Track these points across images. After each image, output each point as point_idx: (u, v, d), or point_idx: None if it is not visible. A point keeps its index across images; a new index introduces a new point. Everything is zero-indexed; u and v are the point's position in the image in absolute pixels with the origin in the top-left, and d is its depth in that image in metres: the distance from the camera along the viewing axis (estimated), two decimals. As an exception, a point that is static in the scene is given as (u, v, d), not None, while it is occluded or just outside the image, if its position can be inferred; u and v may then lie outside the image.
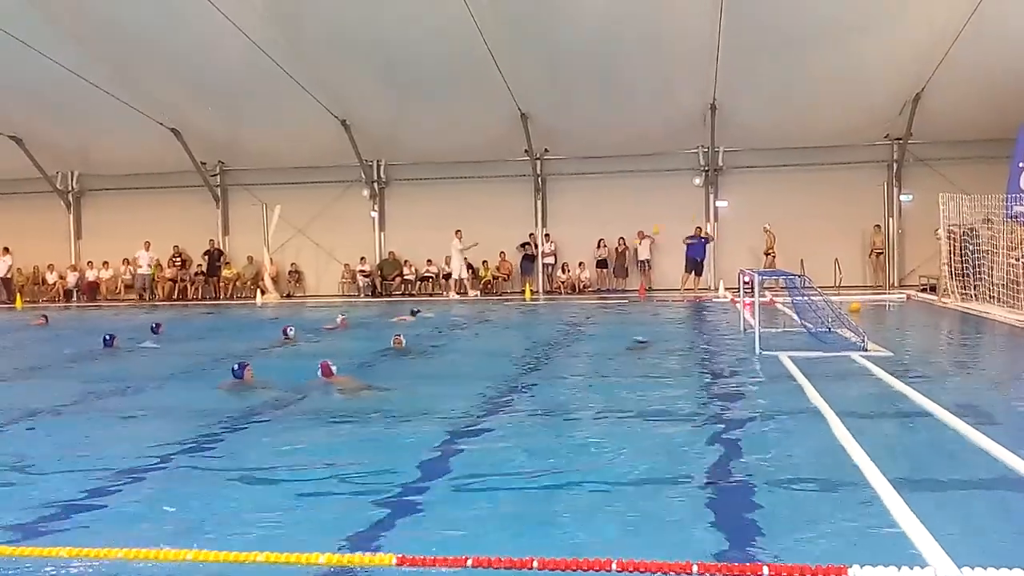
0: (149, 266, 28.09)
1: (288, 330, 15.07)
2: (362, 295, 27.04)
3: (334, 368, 10.39)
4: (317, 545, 4.48)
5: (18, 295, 27.69)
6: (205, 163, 27.68)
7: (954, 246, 19.53)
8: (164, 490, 6.01)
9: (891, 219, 25.34)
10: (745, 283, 15.59)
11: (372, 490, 5.82)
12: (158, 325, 16.55)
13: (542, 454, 6.75)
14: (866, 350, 11.58)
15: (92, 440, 7.79)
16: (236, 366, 10.48)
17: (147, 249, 28.02)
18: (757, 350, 11.64)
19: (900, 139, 24.60)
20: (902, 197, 25.36)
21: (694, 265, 24.85)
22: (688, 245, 24.89)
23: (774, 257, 24.71)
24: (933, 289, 21.33)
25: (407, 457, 6.69)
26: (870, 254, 25.27)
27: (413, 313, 18.92)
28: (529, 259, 26.95)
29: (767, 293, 19.78)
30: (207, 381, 10.79)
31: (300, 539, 4.77)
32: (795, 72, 21.49)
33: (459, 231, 25.94)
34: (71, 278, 28.66)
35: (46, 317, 20.24)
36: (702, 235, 25.10)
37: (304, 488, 5.96)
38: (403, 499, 5.65)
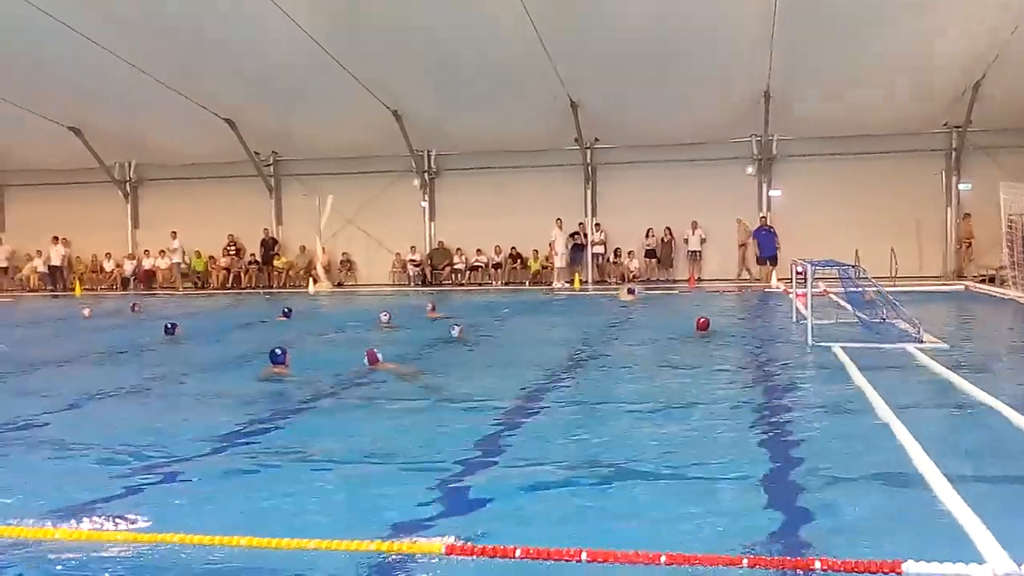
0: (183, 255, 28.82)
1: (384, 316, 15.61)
2: (412, 284, 27.18)
3: (380, 355, 10.47)
4: (366, 532, 4.53)
5: (78, 283, 28.29)
6: (259, 153, 28.00)
7: (1014, 236, 19.11)
8: (217, 476, 6.11)
9: (949, 208, 24.84)
10: (798, 273, 15.40)
11: (421, 478, 5.85)
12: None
13: (591, 443, 6.75)
14: (921, 342, 11.37)
15: (169, 421, 7.94)
16: (278, 351, 10.43)
17: (174, 238, 28.68)
18: (810, 341, 11.50)
19: (959, 127, 24.07)
20: (960, 186, 24.84)
21: (767, 259, 24.53)
22: (758, 238, 24.60)
23: (746, 249, 24.88)
24: (992, 280, 20.89)
25: (455, 445, 6.73)
26: (959, 246, 24.65)
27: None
28: (578, 248, 26.87)
29: (820, 283, 19.50)
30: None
31: (350, 525, 4.81)
32: (851, 60, 21.09)
33: (560, 219, 25.90)
34: (128, 266, 29.19)
35: (136, 304, 20.79)
36: (767, 226, 24.71)
37: (352, 475, 6.01)
38: (452, 487, 5.68)
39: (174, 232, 28.70)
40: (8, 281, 29.72)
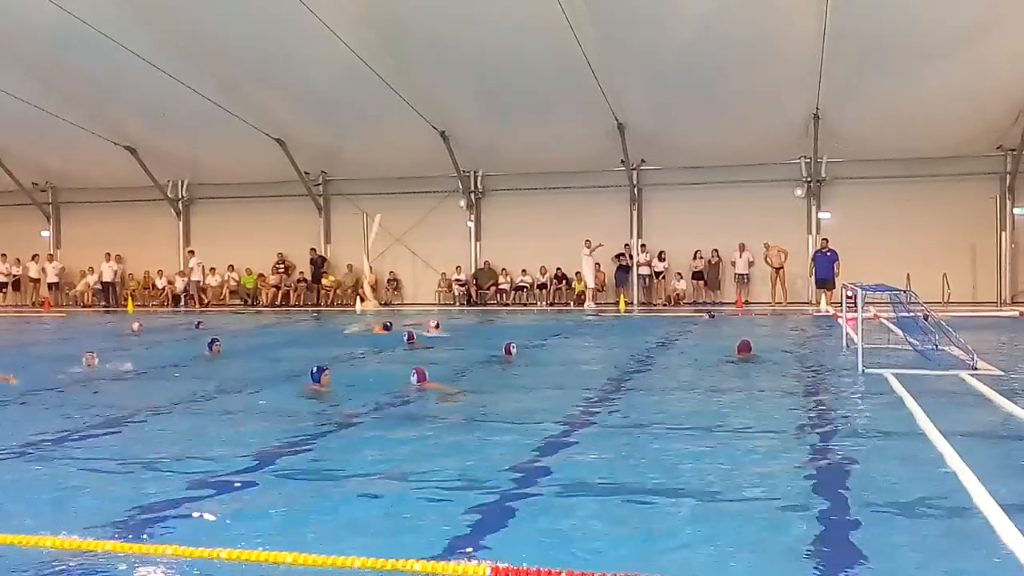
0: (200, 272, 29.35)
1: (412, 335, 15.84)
2: (457, 303, 27.28)
3: (427, 374, 10.50)
4: (411, 552, 4.52)
5: (130, 299, 28.77)
6: (308, 173, 28.35)
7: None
8: (260, 493, 6.13)
9: (1003, 233, 24.38)
10: (848, 297, 15.19)
11: (466, 498, 5.83)
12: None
13: (637, 467, 6.69)
14: (975, 369, 11.14)
15: (207, 437, 8.02)
16: (315, 369, 10.53)
17: (192, 257, 29.37)
18: (860, 367, 11.31)
19: (1014, 150, 23.68)
20: (1015, 210, 24.40)
21: (823, 282, 23.98)
22: (815, 260, 24.36)
23: (783, 273, 24.98)
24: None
25: (501, 464, 6.69)
26: None
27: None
28: (624, 270, 26.78)
29: (871, 308, 19.25)
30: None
31: (394, 546, 4.80)
32: (903, 81, 20.88)
33: (588, 240, 25.90)
34: (179, 283, 29.64)
35: (200, 322, 20.77)
36: (826, 249, 24.28)
37: (397, 494, 5.99)
38: (497, 508, 5.65)
39: (191, 251, 29.35)
40: (62, 297, 30.35)
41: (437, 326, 17.73)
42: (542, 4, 18.42)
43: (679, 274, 26.51)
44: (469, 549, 4.84)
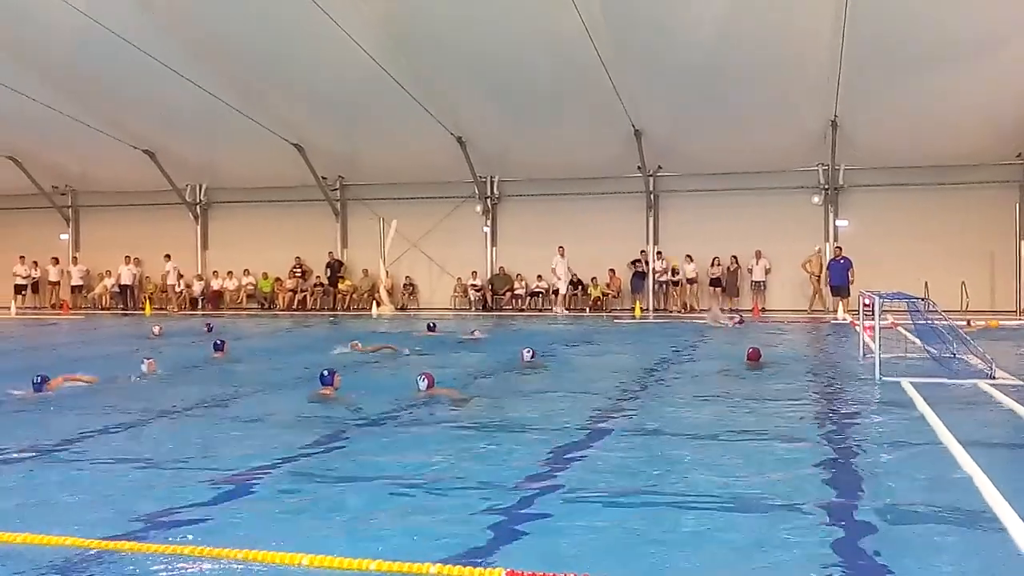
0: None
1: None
2: (473, 309, 27.29)
3: (435, 379, 10.46)
4: (426, 555, 4.53)
5: (147, 302, 28.94)
6: (326, 178, 28.42)
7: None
8: (275, 494, 6.16)
9: (1022, 242, 24.20)
10: (865, 305, 15.11)
11: (481, 502, 5.84)
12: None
13: (652, 472, 6.68)
14: (994, 378, 11.06)
15: (221, 439, 8.06)
16: (325, 372, 10.42)
17: (168, 261, 29.54)
18: (877, 375, 11.26)
19: (1034, 158, 23.55)
20: (1034, 219, 24.25)
21: (837, 290, 24.05)
22: (830, 268, 24.31)
23: (820, 280, 24.80)
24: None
25: (515, 470, 6.71)
26: None
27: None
28: (639, 276, 26.72)
29: (888, 316, 19.16)
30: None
31: (409, 549, 4.81)
32: (921, 88, 20.76)
33: (561, 247, 25.92)
34: (197, 287, 29.79)
35: (210, 326, 20.42)
36: (840, 257, 24.24)
37: (411, 498, 6.01)
38: (512, 512, 5.66)
39: (168, 255, 29.46)
40: (82, 299, 30.55)
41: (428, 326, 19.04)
42: (559, 10, 18.43)
43: (689, 256, 26.30)
44: (483, 553, 4.85)
